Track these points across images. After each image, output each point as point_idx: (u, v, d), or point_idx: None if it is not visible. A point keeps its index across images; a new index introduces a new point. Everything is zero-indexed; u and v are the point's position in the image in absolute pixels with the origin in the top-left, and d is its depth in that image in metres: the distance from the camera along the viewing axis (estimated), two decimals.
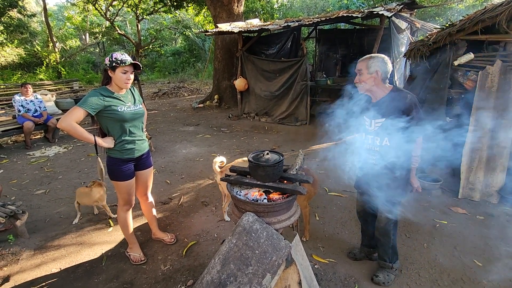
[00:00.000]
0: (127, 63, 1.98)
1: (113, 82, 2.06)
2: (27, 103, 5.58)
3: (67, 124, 1.90)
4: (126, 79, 2.03)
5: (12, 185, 4.04)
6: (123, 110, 2.07)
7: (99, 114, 2.02)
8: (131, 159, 2.21)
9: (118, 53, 2.01)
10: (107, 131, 2.12)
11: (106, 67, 2.02)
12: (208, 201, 3.47)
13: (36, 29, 19.08)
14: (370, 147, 2.00)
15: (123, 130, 2.12)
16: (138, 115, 2.19)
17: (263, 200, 1.58)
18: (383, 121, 1.86)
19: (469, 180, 3.32)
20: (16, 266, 2.45)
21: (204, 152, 5.25)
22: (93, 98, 1.96)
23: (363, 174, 2.10)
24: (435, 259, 2.37)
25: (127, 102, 2.12)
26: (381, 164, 1.93)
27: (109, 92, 2.05)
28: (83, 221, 3.12)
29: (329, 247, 2.58)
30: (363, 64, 1.87)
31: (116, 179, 2.20)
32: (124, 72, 2.00)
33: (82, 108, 1.92)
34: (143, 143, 2.29)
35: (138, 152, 2.24)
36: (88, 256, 2.55)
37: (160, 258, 2.50)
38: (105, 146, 2.08)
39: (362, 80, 1.87)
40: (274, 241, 1.40)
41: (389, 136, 1.86)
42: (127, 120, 2.10)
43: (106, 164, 2.20)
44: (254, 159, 1.59)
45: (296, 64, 6.77)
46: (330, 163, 4.53)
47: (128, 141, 2.15)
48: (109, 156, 2.17)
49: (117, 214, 2.41)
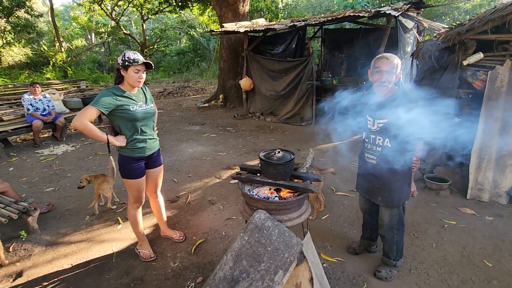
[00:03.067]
0: (140, 62, 2.01)
1: (125, 81, 2.08)
2: (36, 102, 5.66)
3: (80, 123, 1.93)
4: (139, 78, 2.05)
5: (22, 182, 4.10)
6: (135, 109, 2.09)
7: (112, 113, 2.05)
8: (142, 158, 2.24)
9: (130, 52, 2.03)
10: (119, 129, 2.15)
11: (118, 66, 2.04)
12: (215, 199, 3.49)
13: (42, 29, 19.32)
14: (371, 146, 1.99)
15: (135, 129, 2.14)
16: (149, 114, 2.22)
17: (274, 198, 1.59)
18: (386, 121, 1.85)
19: (477, 180, 3.30)
20: (29, 262, 2.50)
21: (210, 151, 5.28)
22: (106, 98, 1.98)
23: (363, 174, 2.11)
24: (444, 259, 2.37)
25: (138, 101, 2.14)
26: (382, 164, 1.92)
27: (121, 91, 2.08)
28: (92, 218, 3.16)
29: (337, 246, 2.59)
30: (392, 63, 1.80)
31: (127, 177, 2.23)
32: (137, 71, 2.02)
33: (95, 107, 1.95)
34: (154, 142, 2.32)
35: (149, 151, 2.27)
36: (99, 253, 2.59)
37: (169, 255, 2.53)
38: (117, 144, 2.10)
39: (390, 80, 1.82)
40: (286, 239, 1.41)
41: (391, 137, 1.85)
42: (139, 119, 2.12)
43: (118, 162, 2.23)
44: (265, 158, 1.60)
45: (301, 63, 6.77)
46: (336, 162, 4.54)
47: (140, 139, 2.18)
48: (120, 154, 2.20)
49: (127, 211, 2.43)
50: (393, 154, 1.82)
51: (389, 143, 1.85)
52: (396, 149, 1.80)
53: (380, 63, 1.82)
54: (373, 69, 1.87)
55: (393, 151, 1.83)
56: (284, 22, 6.95)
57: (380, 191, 1.98)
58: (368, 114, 1.97)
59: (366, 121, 1.99)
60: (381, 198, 1.99)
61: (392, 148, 1.84)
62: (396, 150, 1.80)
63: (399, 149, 1.80)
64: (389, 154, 1.85)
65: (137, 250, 2.54)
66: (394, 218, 2.02)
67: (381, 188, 1.96)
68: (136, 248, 2.56)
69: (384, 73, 1.80)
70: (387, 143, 1.86)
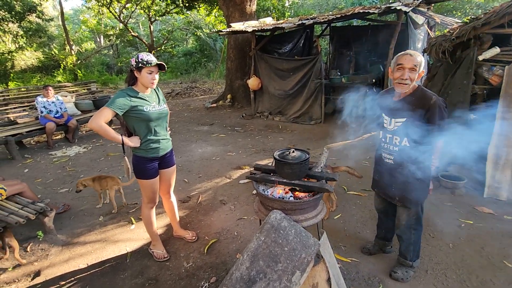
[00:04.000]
0: (153, 64, 2.02)
1: (139, 83, 2.11)
2: (49, 104, 5.77)
3: (96, 124, 1.96)
4: (152, 79, 2.07)
5: (38, 183, 4.19)
6: (148, 110, 2.11)
7: (126, 114, 2.07)
8: (155, 158, 2.26)
9: (143, 53, 2.05)
10: (133, 130, 2.18)
11: (132, 67, 2.06)
12: (226, 199, 3.50)
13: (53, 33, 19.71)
14: (388, 146, 1.95)
15: (149, 130, 2.16)
16: (163, 114, 2.24)
17: (289, 198, 1.58)
18: (404, 121, 1.81)
19: (495, 178, 3.21)
20: (46, 261, 2.55)
21: (220, 151, 5.29)
22: (120, 99, 2.01)
23: (380, 174, 2.07)
24: (462, 260, 2.31)
25: (152, 102, 2.16)
26: (400, 164, 1.88)
27: (135, 92, 2.10)
28: (106, 218, 3.20)
29: (351, 246, 2.56)
30: (416, 60, 1.71)
31: (141, 177, 2.25)
32: (150, 72, 2.04)
33: (110, 108, 1.97)
34: (167, 142, 2.34)
35: (162, 151, 2.29)
36: (113, 253, 2.62)
37: (182, 255, 2.54)
38: (131, 145, 2.13)
39: (412, 78, 1.75)
40: (302, 239, 1.39)
41: (409, 137, 1.80)
42: (153, 120, 2.14)
43: (132, 163, 2.25)
44: (280, 157, 1.59)
45: (310, 62, 6.72)
46: (348, 161, 4.49)
47: (153, 140, 2.19)
48: (135, 155, 2.22)
49: (142, 211, 2.45)
50: (411, 154, 1.78)
51: (407, 142, 1.81)
52: (415, 148, 1.76)
53: (403, 59, 1.74)
54: (394, 66, 1.80)
55: (411, 150, 1.79)
56: (292, 21, 6.91)
57: (397, 191, 1.94)
58: (384, 113, 1.93)
59: (382, 120, 1.95)
60: (399, 198, 1.95)
61: (410, 148, 1.80)
62: (415, 149, 1.76)
63: (417, 148, 1.75)
64: (407, 154, 1.80)
65: (150, 250, 2.56)
66: (412, 218, 1.98)
67: (398, 188, 1.92)
68: (150, 248, 2.58)
69: (407, 70, 1.73)
70: (406, 142, 1.81)
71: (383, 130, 1.96)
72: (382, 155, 1.98)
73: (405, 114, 1.78)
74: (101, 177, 3.34)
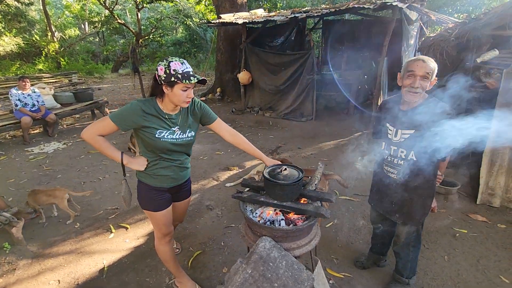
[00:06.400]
0: (193, 81, 1.47)
1: (166, 98, 1.57)
2: (25, 97, 5.39)
3: (89, 137, 1.57)
4: (187, 97, 1.53)
5: (10, 184, 3.89)
6: (162, 136, 1.59)
7: (135, 129, 1.61)
8: (162, 189, 1.76)
9: (177, 62, 1.48)
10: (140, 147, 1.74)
11: (160, 80, 1.52)
12: (213, 204, 3.32)
13: (34, 17, 18.69)
14: (391, 159, 1.78)
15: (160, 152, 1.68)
16: (181, 146, 1.69)
17: (280, 221, 1.41)
18: (413, 133, 1.64)
19: (488, 185, 3.14)
20: (13, 277, 2.32)
21: (208, 149, 5.08)
22: (129, 113, 1.54)
23: (380, 188, 1.93)
24: (458, 274, 2.23)
25: (173, 127, 1.63)
26: (404, 179, 1.73)
27: (155, 108, 1.58)
28: (83, 226, 2.98)
29: (343, 258, 2.44)
30: (428, 67, 1.53)
31: (147, 209, 1.78)
32: (185, 89, 1.50)
33: (112, 121, 1.54)
34: (182, 171, 1.80)
35: (173, 182, 1.77)
36: (88, 267, 2.41)
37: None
38: (134, 168, 1.69)
39: (424, 87, 1.57)
40: (294, 272, 1.24)
41: (417, 150, 1.64)
42: (162, 150, 1.64)
43: (137, 189, 1.80)
44: (270, 176, 1.41)
45: (302, 57, 6.53)
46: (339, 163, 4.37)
47: (164, 166, 1.70)
48: (138, 180, 1.78)
49: (156, 248, 1.95)
50: (418, 168, 1.63)
51: (414, 156, 1.65)
52: (423, 163, 1.61)
53: (414, 65, 1.56)
54: (404, 72, 1.62)
55: (418, 165, 1.64)
56: (284, 13, 6.65)
57: (399, 208, 1.80)
58: (388, 123, 1.76)
59: (386, 130, 1.78)
60: (399, 215, 1.81)
61: (417, 162, 1.64)
62: (422, 164, 1.61)
63: (425, 163, 1.60)
64: (413, 168, 1.66)
65: (176, 286, 2.15)
66: (412, 235, 1.85)
67: (400, 205, 1.78)
68: (176, 285, 2.14)
69: (418, 78, 1.55)
70: (412, 156, 1.65)
71: (386, 141, 1.79)
72: (384, 168, 1.82)
73: (414, 125, 1.62)
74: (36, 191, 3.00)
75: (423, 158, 1.63)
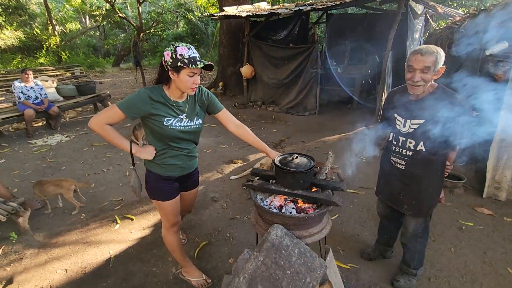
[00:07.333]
0: (199, 66, 1.45)
1: (173, 84, 1.55)
2: (27, 90, 5.37)
3: (97, 125, 1.55)
4: (193, 83, 1.51)
5: (14, 176, 3.89)
6: (170, 123, 1.58)
7: (142, 118, 1.61)
8: (171, 178, 1.76)
9: (183, 47, 1.46)
10: (147, 137, 1.73)
11: (166, 65, 1.50)
12: (218, 196, 3.32)
13: (35, 11, 18.57)
14: (400, 150, 1.76)
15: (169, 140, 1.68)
16: (189, 134, 1.68)
17: (291, 209, 1.40)
18: (422, 123, 1.62)
19: (495, 178, 3.13)
20: (20, 266, 2.33)
21: (211, 143, 5.07)
22: (137, 101, 1.52)
23: (388, 180, 1.91)
24: (465, 266, 2.22)
25: (181, 114, 1.62)
26: (413, 170, 1.72)
27: (163, 96, 1.57)
28: (88, 216, 2.98)
29: (349, 250, 2.44)
30: (427, 61, 1.50)
31: (155, 198, 1.78)
32: (192, 74, 1.48)
33: (120, 109, 1.52)
34: (191, 160, 1.81)
35: (181, 171, 1.77)
36: (95, 256, 2.42)
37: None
38: (142, 157, 1.68)
39: (425, 79, 1.54)
40: (307, 260, 1.23)
41: (426, 141, 1.62)
42: (170, 138, 1.63)
43: (145, 179, 1.79)
44: (282, 164, 1.40)
45: (306, 51, 6.47)
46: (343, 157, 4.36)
47: (172, 155, 1.70)
48: (147, 169, 1.77)
49: (163, 237, 1.97)
50: (427, 159, 1.61)
51: (423, 146, 1.63)
52: (431, 153, 1.59)
53: (412, 60, 1.54)
54: (406, 66, 1.60)
55: (427, 155, 1.62)
56: (288, 6, 6.58)
57: (407, 199, 1.79)
58: (396, 113, 1.74)
59: (394, 120, 1.76)
60: (408, 207, 1.80)
61: (426, 153, 1.62)
62: (431, 154, 1.59)
63: (434, 153, 1.58)
64: (422, 159, 1.64)
65: (182, 276, 2.14)
66: (420, 226, 1.84)
67: (408, 196, 1.77)
68: (182, 275, 2.14)
69: (418, 72, 1.53)
70: (421, 146, 1.63)
71: (394, 131, 1.77)
72: (392, 159, 1.80)
73: (423, 115, 1.60)
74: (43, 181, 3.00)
75: (433, 148, 1.61)
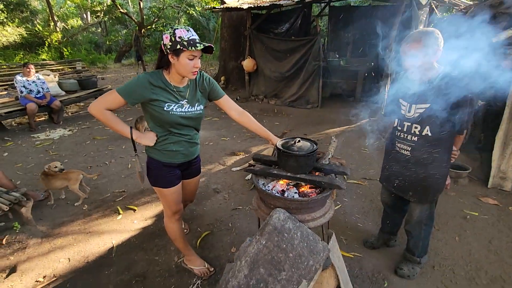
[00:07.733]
0: (199, 48, 1.40)
1: (173, 69, 1.52)
2: (29, 84, 5.37)
3: (97, 110, 1.51)
4: (194, 66, 1.47)
5: (17, 169, 3.91)
6: (170, 109, 1.55)
7: (142, 104, 1.58)
8: (172, 165, 1.73)
9: (182, 29, 1.42)
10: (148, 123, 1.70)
11: (165, 49, 1.47)
12: (220, 188, 3.31)
13: (36, 7, 18.55)
14: (405, 135, 1.73)
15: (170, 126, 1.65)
16: (190, 120, 1.65)
17: (293, 194, 1.38)
18: (428, 107, 1.58)
19: (500, 168, 3.08)
20: (23, 255, 2.34)
21: (213, 136, 5.05)
22: (136, 86, 1.49)
23: (392, 166, 1.88)
24: (470, 254, 2.20)
25: (181, 100, 1.59)
26: (418, 156, 1.69)
27: (162, 81, 1.53)
28: (91, 207, 2.99)
29: (352, 239, 2.42)
30: (414, 47, 1.49)
31: (157, 185, 1.75)
32: (192, 57, 1.45)
33: (120, 94, 1.49)
34: (192, 147, 1.77)
35: (183, 158, 1.74)
36: (97, 246, 2.43)
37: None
38: (143, 143, 1.64)
39: (416, 64, 1.54)
40: (310, 243, 1.21)
41: (432, 125, 1.59)
42: (171, 124, 1.60)
43: (146, 166, 1.77)
44: (284, 148, 1.37)
45: (308, 43, 6.40)
46: (346, 148, 4.33)
47: (173, 141, 1.66)
48: (147, 156, 1.74)
49: (165, 225, 1.95)
50: (433, 144, 1.58)
51: (429, 132, 1.59)
52: (437, 138, 1.56)
53: (401, 49, 1.58)
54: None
55: (432, 140, 1.59)
56: None
57: (412, 186, 1.76)
58: (402, 98, 1.70)
59: (399, 105, 1.73)
60: (413, 193, 1.77)
61: (432, 138, 1.59)
62: (437, 139, 1.56)
63: (440, 138, 1.55)
64: (428, 145, 1.61)
65: (185, 265, 2.13)
66: (424, 213, 1.81)
67: (414, 182, 1.74)
68: (185, 263, 2.13)
69: (408, 58, 1.54)
70: (427, 131, 1.60)
71: (399, 117, 1.74)
72: (397, 145, 1.77)
73: (429, 100, 1.56)
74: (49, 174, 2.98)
75: (439, 133, 1.58)
